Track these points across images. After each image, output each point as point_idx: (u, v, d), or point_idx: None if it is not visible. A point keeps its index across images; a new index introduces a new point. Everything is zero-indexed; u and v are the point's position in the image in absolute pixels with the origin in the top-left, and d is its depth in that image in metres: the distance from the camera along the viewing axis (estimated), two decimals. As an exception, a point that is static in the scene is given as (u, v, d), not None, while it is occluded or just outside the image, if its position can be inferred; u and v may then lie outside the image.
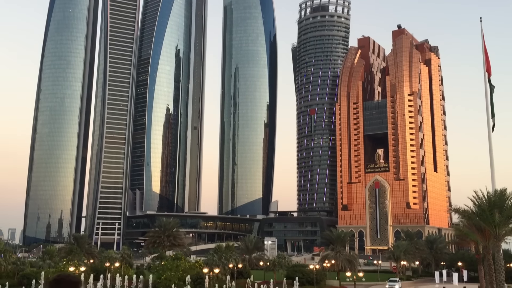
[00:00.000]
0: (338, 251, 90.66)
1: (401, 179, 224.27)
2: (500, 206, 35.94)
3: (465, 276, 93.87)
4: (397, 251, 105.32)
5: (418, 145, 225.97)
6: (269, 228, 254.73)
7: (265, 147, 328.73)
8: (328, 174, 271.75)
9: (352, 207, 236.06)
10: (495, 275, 34.41)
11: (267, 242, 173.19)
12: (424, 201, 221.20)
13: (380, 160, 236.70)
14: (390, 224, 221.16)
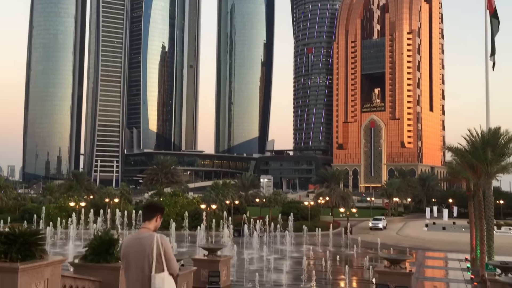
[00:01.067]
0: (333, 189, 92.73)
1: (397, 118, 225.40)
2: (493, 144, 36.40)
3: (455, 212, 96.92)
4: (389, 189, 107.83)
5: (415, 84, 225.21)
6: (265, 167, 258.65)
7: (262, 86, 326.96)
8: (324, 114, 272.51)
9: (347, 146, 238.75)
10: (485, 210, 35.50)
11: (263, 180, 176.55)
12: (419, 140, 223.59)
13: (377, 100, 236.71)
14: (384, 162, 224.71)
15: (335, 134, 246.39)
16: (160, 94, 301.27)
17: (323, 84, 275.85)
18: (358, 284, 31.98)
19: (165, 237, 5.44)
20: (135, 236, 5.46)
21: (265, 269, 34.50)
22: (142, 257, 5.16)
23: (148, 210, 5.63)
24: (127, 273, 5.45)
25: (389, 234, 68.97)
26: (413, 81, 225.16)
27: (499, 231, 66.78)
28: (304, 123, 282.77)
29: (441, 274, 38.02)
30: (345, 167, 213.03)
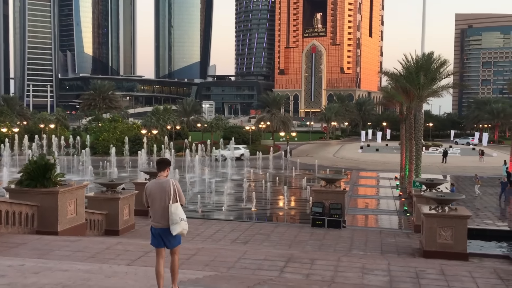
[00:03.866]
0: (274, 113, 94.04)
1: (337, 44, 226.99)
2: (426, 69, 37.69)
3: (388, 135, 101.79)
4: (328, 113, 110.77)
5: (356, 9, 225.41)
6: (207, 92, 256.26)
7: (203, 9, 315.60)
8: (267, 39, 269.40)
9: (288, 72, 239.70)
10: (415, 132, 37.44)
11: (205, 105, 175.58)
12: (357, 65, 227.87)
13: (318, 25, 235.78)
14: (324, 88, 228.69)
15: (276, 60, 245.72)
16: (94, 15, 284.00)
17: (265, 8, 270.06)
18: (296, 203, 33.55)
19: (177, 181, 8.09)
20: (156, 181, 8.03)
21: (206, 191, 35.31)
22: (164, 193, 7.82)
23: (161, 164, 8.15)
24: (153, 205, 7.94)
25: (327, 156, 71.86)
26: (354, 6, 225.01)
27: (427, 151, 71.12)
28: (246, 48, 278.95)
29: (372, 192, 40.49)
30: (286, 93, 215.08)
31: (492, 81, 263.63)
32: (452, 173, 50.62)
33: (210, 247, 14.42)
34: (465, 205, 27.85)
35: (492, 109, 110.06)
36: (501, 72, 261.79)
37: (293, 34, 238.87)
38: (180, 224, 7.68)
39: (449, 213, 15.97)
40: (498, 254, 17.14)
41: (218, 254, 12.50)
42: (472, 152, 75.44)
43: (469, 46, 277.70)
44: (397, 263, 12.66)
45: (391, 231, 22.91)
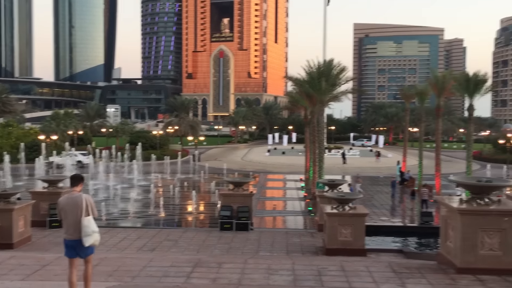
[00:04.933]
0: (182, 118, 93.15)
1: (244, 49, 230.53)
2: (327, 75, 39.46)
3: (294, 138, 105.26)
4: (236, 117, 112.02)
5: (261, 16, 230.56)
6: (112, 96, 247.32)
7: (107, 9, 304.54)
8: (174, 42, 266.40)
9: (196, 76, 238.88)
10: (318, 135, 38.94)
11: (109, 109, 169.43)
12: (264, 70, 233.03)
13: (226, 30, 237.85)
14: (232, 92, 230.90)
15: (184, 63, 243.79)
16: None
17: (172, 11, 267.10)
18: (205, 207, 33.45)
19: (89, 196, 8.58)
20: (69, 196, 8.51)
21: (111, 198, 34.04)
22: (76, 208, 8.27)
23: (74, 180, 8.74)
24: (66, 218, 8.37)
25: (235, 159, 72.52)
26: (260, 12, 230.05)
27: (329, 153, 74.51)
28: (153, 51, 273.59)
29: (279, 193, 41.57)
30: (194, 97, 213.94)
31: (387, 87, 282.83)
32: (352, 174, 53.44)
33: (114, 256, 13.92)
34: (364, 203, 29.58)
35: (387, 113, 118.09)
36: (394, 78, 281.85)
37: (200, 38, 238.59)
38: (93, 236, 8.23)
39: (348, 212, 16.86)
40: (393, 249, 18.40)
41: (122, 263, 12.11)
42: (370, 154, 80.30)
43: (366, 54, 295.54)
44: (301, 262, 13.11)
45: (296, 231, 23.65)
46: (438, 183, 37.88)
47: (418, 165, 44.76)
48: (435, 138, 42.73)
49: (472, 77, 36.48)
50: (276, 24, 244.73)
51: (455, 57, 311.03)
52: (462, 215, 10.77)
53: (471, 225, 10.64)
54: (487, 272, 10.46)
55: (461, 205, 11.14)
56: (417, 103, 49.70)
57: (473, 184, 11.51)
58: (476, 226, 10.62)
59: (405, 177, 43.62)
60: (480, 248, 10.56)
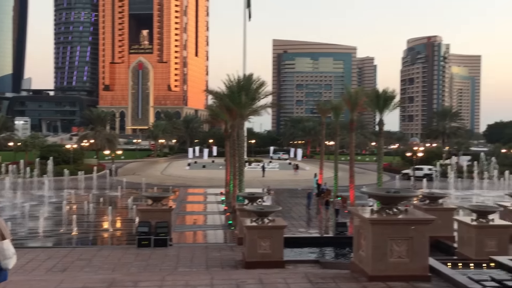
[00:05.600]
0: (98, 131, 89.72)
1: (164, 61, 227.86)
2: (247, 89, 40.02)
3: (214, 151, 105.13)
4: (156, 130, 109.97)
5: (182, 29, 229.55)
6: (21, 107, 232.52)
7: (16, 16, 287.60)
8: (90, 52, 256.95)
9: (114, 88, 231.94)
10: (238, 148, 39.22)
11: (18, 122, 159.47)
12: (184, 84, 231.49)
13: (145, 42, 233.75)
14: (151, 105, 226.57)
15: (101, 75, 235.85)
16: None
17: (88, 20, 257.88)
18: (122, 223, 32.32)
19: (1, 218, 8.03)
20: None
21: (18, 217, 31.86)
22: None
23: None
24: None
25: (154, 174, 70.99)
26: (180, 25, 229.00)
27: (250, 167, 75.28)
28: (67, 62, 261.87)
29: (200, 208, 41.19)
30: (112, 109, 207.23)
31: (305, 102, 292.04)
32: (271, 187, 54.29)
33: (20, 279, 12.97)
34: (283, 215, 30.10)
35: (305, 127, 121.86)
36: (311, 93, 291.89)
37: (118, 50, 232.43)
38: (13, 258, 7.96)
39: (268, 225, 17.06)
40: (310, 259, 18.83)
41: (29, 286, 11.31)
42: (289, 167, 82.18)
43: (284, 69, 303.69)
44: (220, 276, 13.03)
45: (216, 245, 23.52)
46: (352, 194, 39.57)
47: (334, 177, 46.49)
48: (349, 151, 44.71)
49: (381, 94, 38.76)
50: (197, 37, 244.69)
51: (367, 74, 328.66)
52: (373, 224, 11.28)
53: (381, 234, 11.16)
54: (397, 279, 11.00)
55: (372, 215, 11.67)
56: (333, 118, 51.77)
57: (382, 195, 12.11)
58: (385, 235, 11.16)
59: (322, 189, 45.07)
60: (390, 256, 11.10)
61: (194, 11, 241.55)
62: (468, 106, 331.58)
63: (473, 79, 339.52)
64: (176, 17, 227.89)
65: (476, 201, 41.48)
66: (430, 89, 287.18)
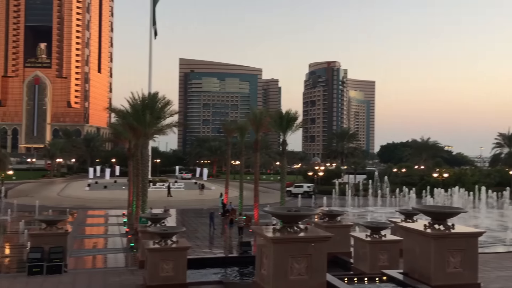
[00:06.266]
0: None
1: (64, 77, 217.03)
2: (152, 108, 39.30)
3: (117, 171, 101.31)
4: (53, 149, 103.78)
5: (84, 43, 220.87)
6: None
7: None
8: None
9: (6, 103, 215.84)
10: (141, 168, 38.20)
11: None
12: (86, 100, 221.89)
13: (42, 55, 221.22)
14: (48, 122, 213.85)
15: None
16: None
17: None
18: (11, 250, 29.82)
19: None
20: None
21: None
22: None
23: None
24: None
25: (50, 195, 66.68)
26: (82, 40, 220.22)
27: (154, 187, 73.58)
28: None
29: (100, 230, 39.24)
30: (3, 126, 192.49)
31: (211, 121, 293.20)
32: (176, 207, 53.41)
33: None
34: (187, 236, 29.66)
35: (211, 146, 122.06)
36: (218, 113, 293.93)
37: (12, 63, 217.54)
38: None
39: (171, 246, 16.69)
40: (214, 281, 18.67)
41: None
42: (194, 186, 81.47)
43: (191, 88, 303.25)
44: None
45: (116, 270, 22.50)
46: (256, 213, 40.11)
47: (239, 196, 46.89)
48: (254, 170, 45.43)
49: (285, 115, 40.04)
50: (100, 53, 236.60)
51: (272, 95, 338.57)
52: (275, 243, 11.50)
53: (282, 252, 11.41)
54: (296, 296, 11.27)
55: (274, 234, 11.90)
56: (238, 138, 52.41)
57: (283, 214, 12.43)
58: (286, 253, 11.43)
59: (227, 209, 45.17)
60: (290, 273, 11.37)
61: (97, 26, 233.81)
62: (364, 128, 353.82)
63: (368, 102, 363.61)
64: (77, 31, 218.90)
65: (371, 218, 44.01)
66: (330, 111, 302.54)
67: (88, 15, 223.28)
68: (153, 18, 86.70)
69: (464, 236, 13.01)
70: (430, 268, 12.60)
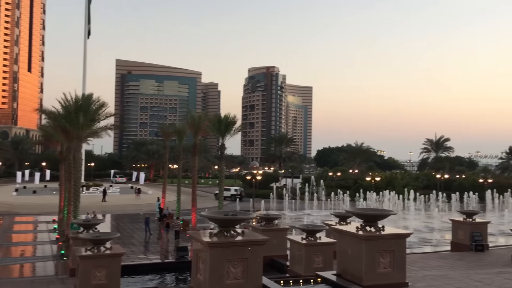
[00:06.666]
0: None
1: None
2: (86, 110, 38.09)
3: (47, 175, 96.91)
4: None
5: (13, 41, 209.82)
6: None
7: None
8: None
9: None
10: (74, 172, 36.88)
11: None
12: (14, 101, 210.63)
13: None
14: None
15: None
16: None
17: None
18: None
19: None
20: None
21: None
22: None
23: None
24: None
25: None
26: (11, 37, 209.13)
27: (88, 191, 71.09)
28: None
29: (28, 238, 37.38)
30: None
31: (149, 124, 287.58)
32: (112, 212, 51.94)
33: None
34: (122, 242, 28.92)
35: (148, 150, 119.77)
36: (156, 116, 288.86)
37: None
38: None
39: (104, 253, 16.16)
40: (149, 287, 18.30)
41: None
42: (130, 191, 79.53)
43: (128, 90, 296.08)
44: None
45: (45, 278, 21.50)
46: (194, 218, 39.79)
47: (177, 201, 46.35)
48: (192, 174, 45.07)
49: (223, 119, 40.10)
50: (30, 51, 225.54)
51: (211, 99, 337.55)
52: (211, 248, 11.44)
53: (218, 256, 11.37)
54: (233, 300, 11.26)
55: (210, 238, 11.84)
56: (177, 141, 51.80)
57: (220, 218, 12.41)
58: (222, 257, 11.39)
59: (164, 213, 44.49)
60: (226, 278, 11.34)
61: (27, 23, 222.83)
62: (302, 133, 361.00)
63: (305, 108, 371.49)
64: (6, 28, 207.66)
65: (307, 221, 44.93)
66: (269, 116, 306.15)
67: (18, 12, 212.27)
68: (88, 17, 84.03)
69: (393, 238, 13.57)
70: (361, 268, 13.03)
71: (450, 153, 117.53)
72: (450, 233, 29.98)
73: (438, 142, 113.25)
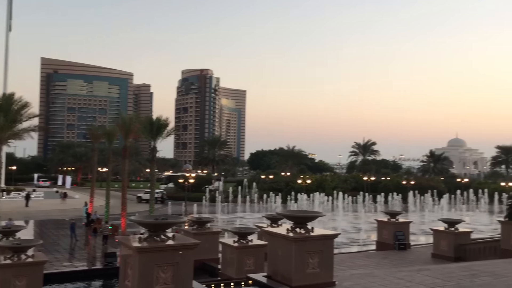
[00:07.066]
0: None
1: None
2: (6, 110, 36.30)
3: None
4: None
5: None
6: None
7: None
8: None
9: None
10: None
11: None
12: None
13: None
14: None
15: None
16: None
17: None
18: None
19: None
20: None
21: None
22: None
23: None
24: None
25: None
26: None
27: (9, 196, 67.20)
28: None
29: None
30: None
31: (77, 126, 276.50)
32: (36, 218, 49.41)
33: None
34: (46, 249, 27.58)
35: (76, 152, 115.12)
36: (84, 117, 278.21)
37: None
38: None
39: (24, 261, 15.35)
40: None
41: None
42: (56, 195, 76.07)
43: (54, 90, 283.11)
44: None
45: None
46: (123, 223, 38.72)
47: (105, 205, 44.92)
48: (122, 178, 43.87)
49: (155, 121, 39.41)
50: None
51: (144, 101, 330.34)
52: (140, 253, 11.17)
53: (147, 262, 11.12)
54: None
55: (140, 243, 11.57)
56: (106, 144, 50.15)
57: (149, 223, 12.15)
58: (152, 262, 11.16)
59: (92, 218, 42.92)
60: (155, 283, 11.12)
61: None
62: (235, 136, 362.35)
63: (239, 111, 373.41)
64: None
65: (240, 224, 45.12)
66: (203, 118, 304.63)
67: None
68: (10, 11, 79.56)
69: (321, 238, 13.94)
70: (291, 270, 13.26)
71: (376, 156, 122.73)
72: (376, 232, 31.31)
73: (365, 145, 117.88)
